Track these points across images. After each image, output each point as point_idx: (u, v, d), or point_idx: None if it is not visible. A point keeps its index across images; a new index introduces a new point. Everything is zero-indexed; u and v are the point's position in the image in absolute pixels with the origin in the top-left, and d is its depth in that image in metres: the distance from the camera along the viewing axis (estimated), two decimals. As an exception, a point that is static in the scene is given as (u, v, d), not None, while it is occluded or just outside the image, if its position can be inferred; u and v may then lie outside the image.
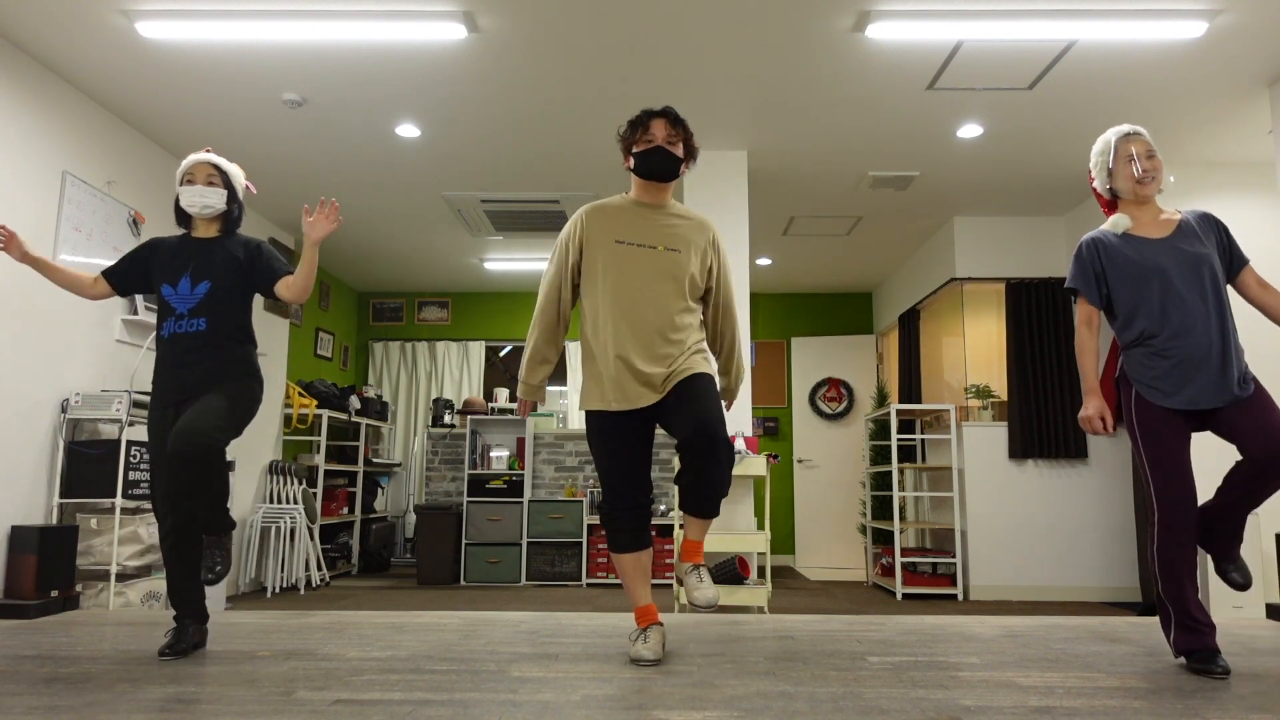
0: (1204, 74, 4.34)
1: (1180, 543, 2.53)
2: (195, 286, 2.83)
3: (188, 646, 2.76)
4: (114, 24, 3.93)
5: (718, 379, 2.89)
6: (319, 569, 6.30)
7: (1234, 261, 2.70)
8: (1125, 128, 2.76)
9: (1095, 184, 2.83)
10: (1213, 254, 2.65)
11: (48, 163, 4.32)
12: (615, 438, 2.71)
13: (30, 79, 4.21)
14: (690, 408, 2.60)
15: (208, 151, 2.93)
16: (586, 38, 4.06)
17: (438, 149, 5.32)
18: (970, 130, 5.00)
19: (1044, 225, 6.48)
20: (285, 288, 2.84)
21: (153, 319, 4.91)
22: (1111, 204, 2.81)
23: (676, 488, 2.76)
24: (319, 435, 6.73)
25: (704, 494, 2.61)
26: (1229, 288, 3.13)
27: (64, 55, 4.20)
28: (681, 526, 2.69)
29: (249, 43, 4.10)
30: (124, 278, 2.93)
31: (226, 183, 2.91)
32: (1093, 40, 4.05)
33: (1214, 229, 2.71)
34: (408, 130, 5.03)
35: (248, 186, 3.02)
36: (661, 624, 2.74)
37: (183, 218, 2.95)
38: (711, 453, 2.55)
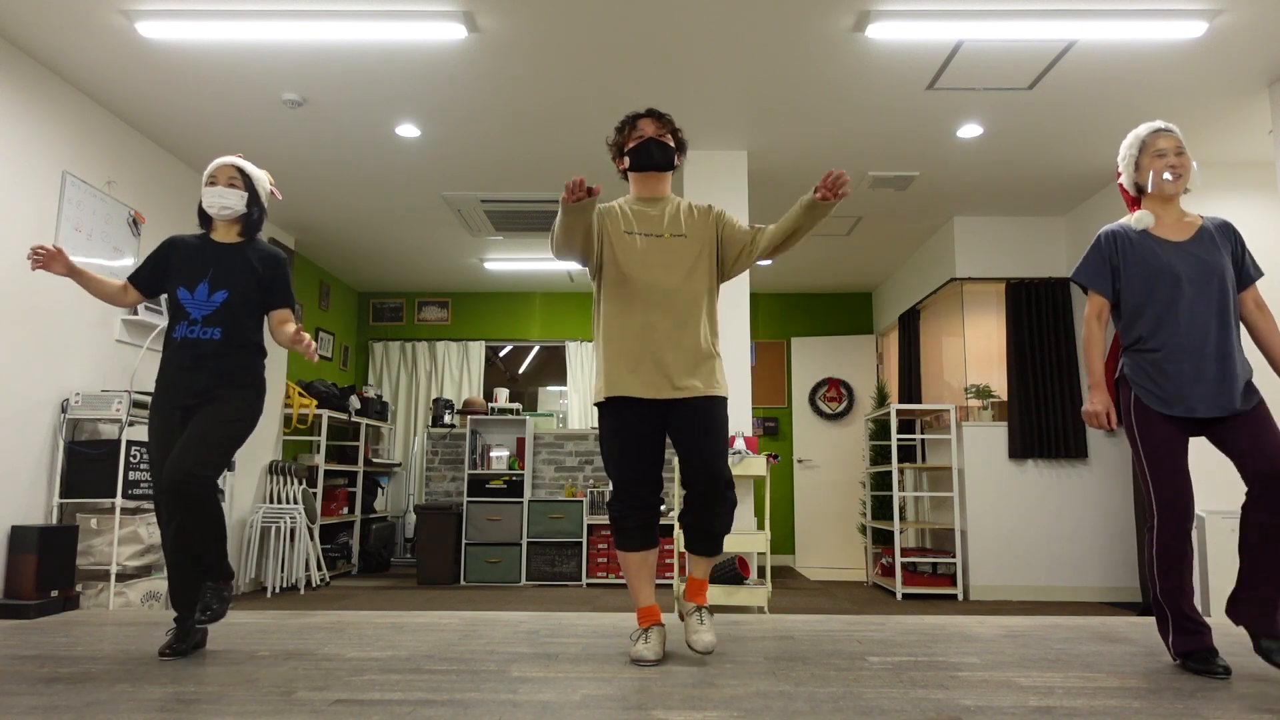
0: (1204, 74, 4.34)
1: (1177, 545, 2.53)
2: (213, 294, 2.84)
3: (188, 647, 2.76)
4: (114, 24, 3.93)
5: (796, 211, 2.67)
6: (319, 569, 6.30)
7: (1241, 277, 2.69)
8: (1157, 124, 2.72)
9: (1121, 179, 2.81)
10: (1227, 263, 2.64)
11: (48, 163, 4.32)
12: (626, 435, 2.71)
13: (30, 79, 4.22)
14: (698, 443, 2.68)
15: (237, 156, 2.96)
16: (586, 38, 4.06)
17: (438, 149, 5.32)
18: (970, 130, 5.00)
19: (1044, 225, 6.48)
20: (277, 322, 2.93)
21: (153, 319, 4.91)
22: (1136, 200, 2.79)
23: (680, 525, 2.81)
24: (319, 435, 6.73)
25: (707, 533, 2.73)
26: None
27: (64, 55, 4.20)
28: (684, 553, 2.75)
29: (249, 43, 4.10)
30: (149, 281, 2.94)
31: (248, 185, 2.93)
32: (1093, 40, 4.05)
33: (1231, 239, 2.70)
34: (408, 130, 5.03)
35: (273, 192, 3.03)
36: (663, 625, 2.75)
37: (204, 218, 2.97)
38: (715, 494, 2.68)
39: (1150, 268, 2.64)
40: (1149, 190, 2.71)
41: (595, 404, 2.80)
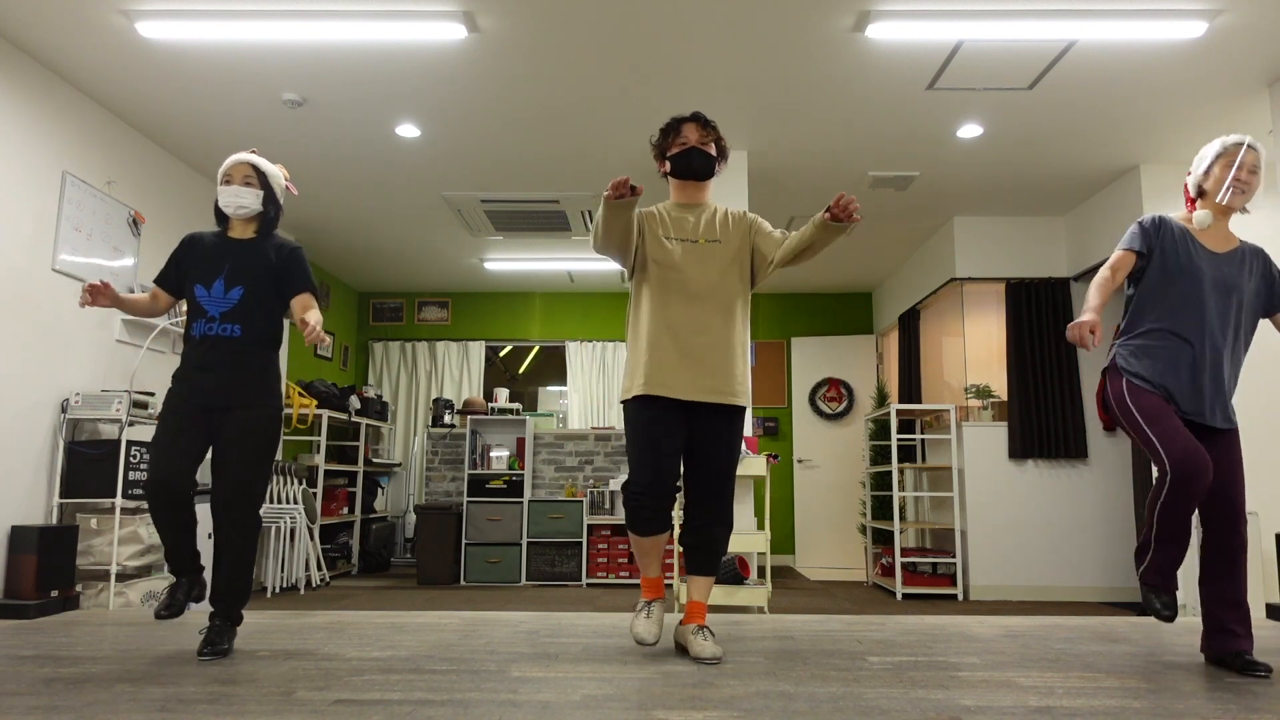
0: (1204, 74, 4.34)
1: (1188, 500, 2.48)
2: (229, 290, 2.83)
3: (229, 646, 2.81)
4: (114, 24, 3.93)
5: (804, 235, 2.71)
6: (319, 569, 6.30)
7: (1274, 297, 2.73)
8: (1245, 138, 2.73)
9: (1189, 178, 2.82)
10: (1246, 287, 2.68)
11: (48, 163, 4.32)
12: (654, 425, 2.74)
13: (30, 79, 4.21)
14: (713, 463, 2.80)
15: (251, 152, 2.94)
16: (586, 38, 4.06)
17: (438, 149, 5.32)
18: (970, 130, 5.00)
19: (1044, 225, 6.48)
20: (300, 308, 2.86)
21: (153, 320, 4.90)
22: (1193, 202, 2.82)
23: (681, 547, 2.90)
24: (319, 435, 6.73)
25: (708, 552, 2.83)
26: (1267, 320, 3.13)
27: (64, 55, 4.20)
28: (684, 580, 2.83)
29: (249, 43, 4.10)
30: (174, 280, 2.94)
31: (264, 183, 2.92)
32: (1093, 40, 4.05)
33: (1261, 262, 2.74)
34: (408, 130, 5.03)
35: (288, 187, 3.02)
36: (664, 599, 2.84)
37: (221, 217, 2.97)
38: (719, 512, 2.82)
39: (1180, 263, 2.67)
40: (1211, 196, 2.73)
41: (623, 400, 2.84)
